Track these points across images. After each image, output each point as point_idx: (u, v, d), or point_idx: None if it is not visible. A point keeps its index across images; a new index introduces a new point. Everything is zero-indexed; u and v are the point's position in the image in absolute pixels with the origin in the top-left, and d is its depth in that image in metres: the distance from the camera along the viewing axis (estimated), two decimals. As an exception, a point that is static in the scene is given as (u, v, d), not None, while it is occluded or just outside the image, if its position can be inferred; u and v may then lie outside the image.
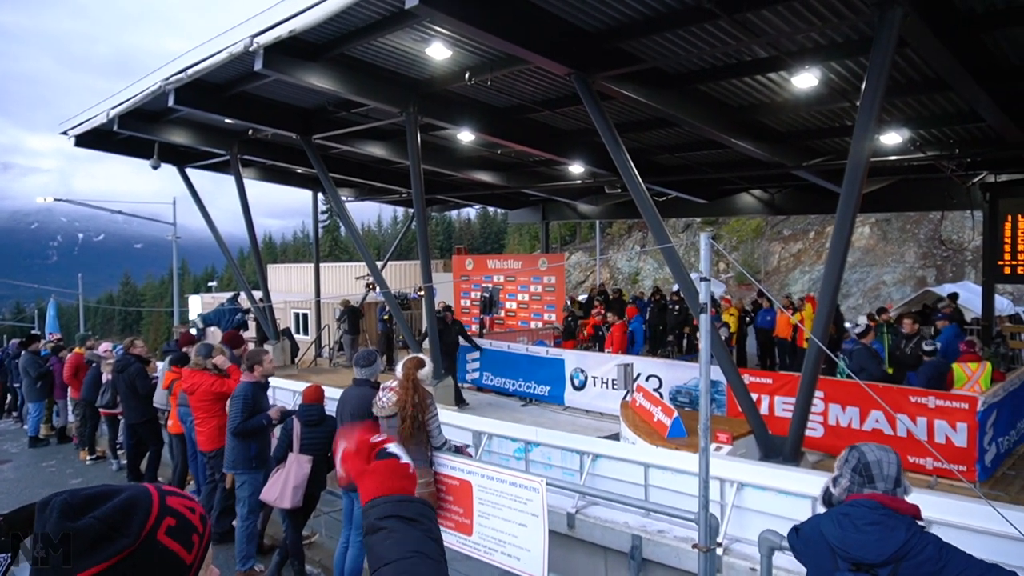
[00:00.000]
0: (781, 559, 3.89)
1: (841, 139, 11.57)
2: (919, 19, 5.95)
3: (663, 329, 15.70)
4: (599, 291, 19.46)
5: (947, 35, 6.68)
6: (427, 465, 4.37)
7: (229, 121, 11.91)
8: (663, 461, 5.37)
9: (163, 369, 8.00)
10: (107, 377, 9.10)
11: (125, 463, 8.92)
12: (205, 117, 12.01)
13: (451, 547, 4.19)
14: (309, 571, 5.67)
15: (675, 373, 10.57)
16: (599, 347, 13.46)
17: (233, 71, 9.69)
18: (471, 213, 65.15)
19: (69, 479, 9.31)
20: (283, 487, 5.21)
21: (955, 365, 8.05)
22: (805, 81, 8.58)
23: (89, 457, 10.04)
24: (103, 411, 9.35)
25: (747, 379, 8.15)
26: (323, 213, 44.05)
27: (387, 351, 15.55)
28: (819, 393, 7.52)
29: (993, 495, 6.48)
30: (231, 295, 17.31)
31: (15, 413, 13.81)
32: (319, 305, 19.55)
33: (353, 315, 16.56)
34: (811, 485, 4.53)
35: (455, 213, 62.59)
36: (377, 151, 13.63)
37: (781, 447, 6.73)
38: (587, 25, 7.49)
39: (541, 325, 17.21)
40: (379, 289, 13.55)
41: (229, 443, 5.72)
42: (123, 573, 0.92)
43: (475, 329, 16.92)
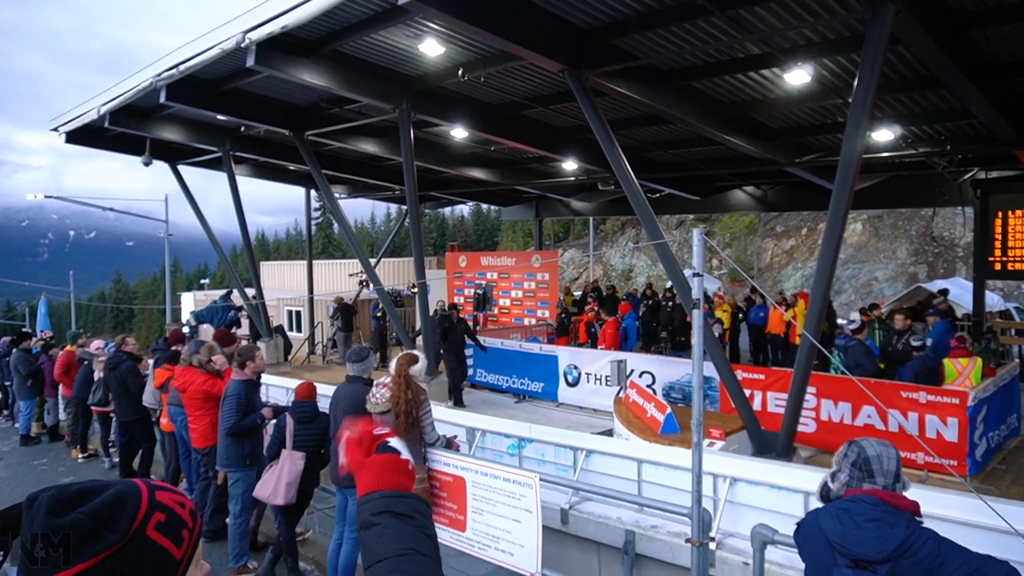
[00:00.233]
0: (773, 553, 3.92)
1: (833, 135, 11.61)
2: (911, 16, 5.98)
3: (656, 326, 15.74)
4: (592, 287, 19.48)
5: (939, 32, 6.72)
6: (421, 461, 4.37)
7: (221, 117, 11.83)
8: (656, 457, 5.40)
9: (152, 369, 7.96)
10: (99, 375, 9.05)
11: (117, 461, 8.88)
12: (197, 113, 11.95)
13: (445, 543, 4.19)
14: (302, 568, 5.66)
15: (668, 369, 10.61)
16: (592, 344, 13.47)
17: (225, 67, 9.64)
18: (464, 210, 65.19)
19: (61, 477, 9.25)
20: (276, 484, 5.20)
21: (946, 360, 8.11)
22: (798, 78, 8.62)
23: (81, 455, 9.99)
24: (95, 409, 9.31)
25: (740, 375, 8.19)
26: (316, 210, 43.89)
27: (380, 348, 15.54)
28: (811, 389, 7.55)
29: (984, 489, 6.52)
30: (224, 292, 17.27)
31: (6, 411, 13.72)
32: (312, 302, 19.51)
33: (346, 312, 16.55)
34: (803, 480, 4.57)
35: (448, 210, 62.74)
36: (370, 148, 13.60)
37: (774, 442, 6.75)
38: (581, 21, 7.49)
39: (535, 322, 17.20)
40: (373, 286, 13.52)
41: (222, 441, 5.70)
42: (112, 569, 0.91)
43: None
